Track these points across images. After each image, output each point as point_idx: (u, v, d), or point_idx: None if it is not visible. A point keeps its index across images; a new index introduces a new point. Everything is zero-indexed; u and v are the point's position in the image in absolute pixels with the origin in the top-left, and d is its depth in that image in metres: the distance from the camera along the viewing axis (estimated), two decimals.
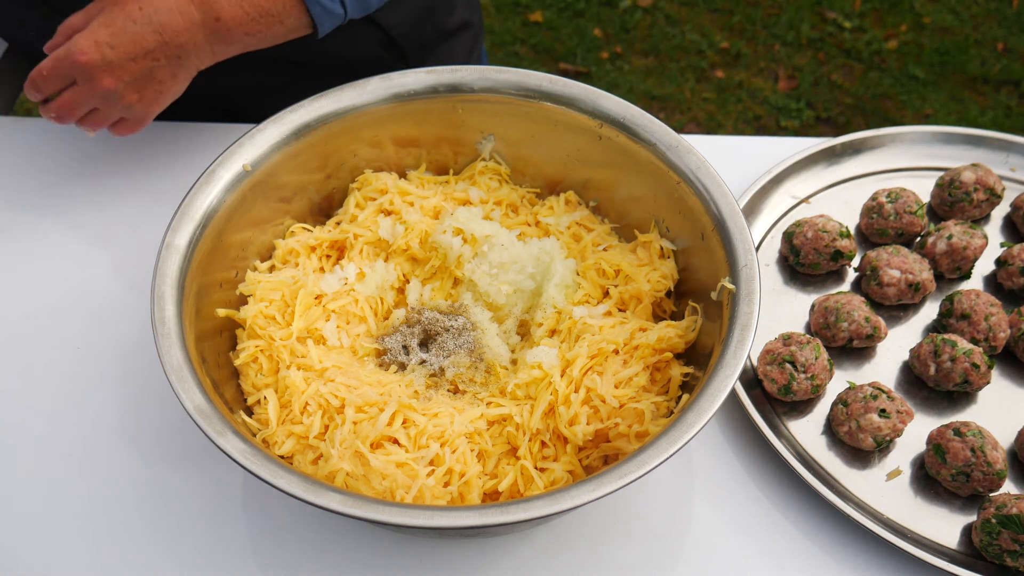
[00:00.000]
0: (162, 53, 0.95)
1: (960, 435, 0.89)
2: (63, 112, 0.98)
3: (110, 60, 0.93)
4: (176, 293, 0.80)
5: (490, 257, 0.95)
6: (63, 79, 0.95)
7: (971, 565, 0.85)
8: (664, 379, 0.87)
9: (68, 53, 0.93)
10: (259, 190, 0.91)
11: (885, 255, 1.04)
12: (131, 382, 0.98)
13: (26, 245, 1.11)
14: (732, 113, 2.71)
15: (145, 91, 0.98)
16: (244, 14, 0.97)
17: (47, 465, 0.92)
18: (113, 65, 0.94)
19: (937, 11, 2.96)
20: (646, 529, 0.89)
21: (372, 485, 0.77)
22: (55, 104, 0.98)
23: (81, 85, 0.95)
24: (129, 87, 0.96)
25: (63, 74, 0.94)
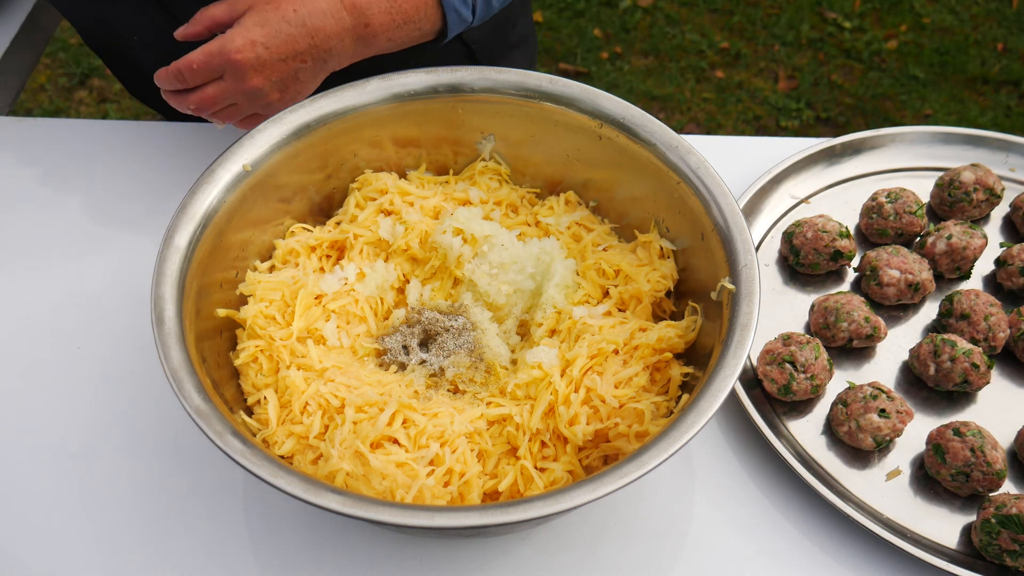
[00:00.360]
0: (310, 56, 0.94)
1: (960, 435, 0.89)
2: (204, 105, 0.96)
3: (263, 60, 0.92)
4: (176, 293, 0.80)
5: (490, 257, 0.95)
6: (211, 74, 0.93)
7: (971, 565, 0.85)
8: (664, 379, 0.87)
9: (222, 49, 0.91)
10: (259, 190, 0.91)
11: (885, 255, 1.04)
12: (131, 382, 0.98)
13: (26, 245, 1.11)
14: (732, 113, 2.71)
15: (287, 91, 0.97)
16: (391, 20, 0.97)
17: (47, 465, 0.92)
18: (265, 65, 0.93)
19: (937, 11, 2.96)
20: (646, 529, 0.89)
21: (372, 485, 0.77)
22: (196, 97, 0.95)
23: (229, 81, 0.93)
24: (275, 87, 0.95)
25: (214, 69, 0.92)
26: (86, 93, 2.74)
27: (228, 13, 0.95)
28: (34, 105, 2.69)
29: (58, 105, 2.70)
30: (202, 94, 0.95)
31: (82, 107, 2.70)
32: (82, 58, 2.81)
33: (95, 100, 2.73)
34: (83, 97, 2.73)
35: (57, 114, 2.67)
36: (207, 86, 0.95)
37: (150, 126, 1.24)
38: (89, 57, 2.82)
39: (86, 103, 2.72)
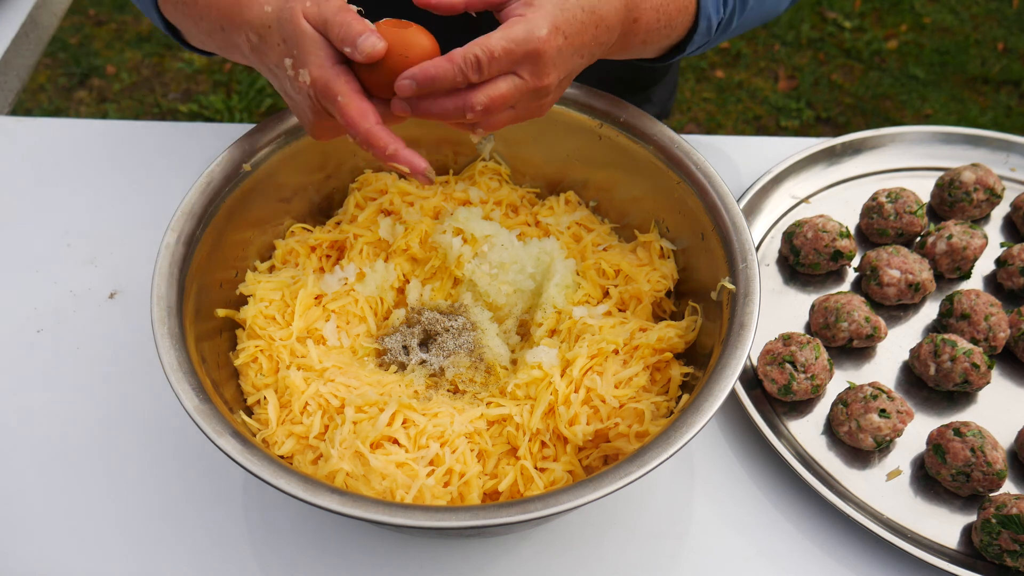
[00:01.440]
0: (588, 50, 0.78)
1: (960, 435, 0.89)
2: (495, 106, 0.74)
3: (563, 52, 0.75)
4: (176, 293, 0.80)
5: (490, 257, 0.95)
6: (510, 65, 0.73)
7: (971, 565, 0.85)
8: (664, 379, 0.87)
9: (528, 37, 0.72)
10: (259, 190, 0.91)
11: (885, 255, 1.04)
12: (131, 382, 0.98)
13: (26, 245, 1.11)
14: (732, 113, 2.71)
15: (560, 89, 0.79)
16: (655, 20, 0.84)
17: (46, 465, 0.92)
18: (562, 58, 0.75)
19: (937, 11, 2.96)
20: (646, 529, 0.89)
21: (372, 485, 0.77)
22: (486, 97, 0.72)
23: (526, 76, 0.74)
24: (558, 88, 0.78)
25: (515, 60, 0.72)
26: (86, 93, 2.74)
27: None
28: (34, 105, 2.69)
29: (58, 105, 2.70)
30: (493, 93, 0.73)
31: (82, 107, 2.70)
32: (82, 58, 2.81)
33: (95, 100, 2.73)
34: (83, 97, 2.73)
35: (57, 114, 2.67)
36: (498, 81, 0.73)
37: (150, 126, 1.24)
38: (89, 57, 2.82)
39: (86, 103, 2.72)
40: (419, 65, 0.71)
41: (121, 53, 2.84)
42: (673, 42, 0.90)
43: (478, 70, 0.71)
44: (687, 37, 0.90)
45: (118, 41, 2.88)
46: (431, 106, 0.74)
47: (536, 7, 0.73)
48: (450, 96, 0.73)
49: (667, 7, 0.85)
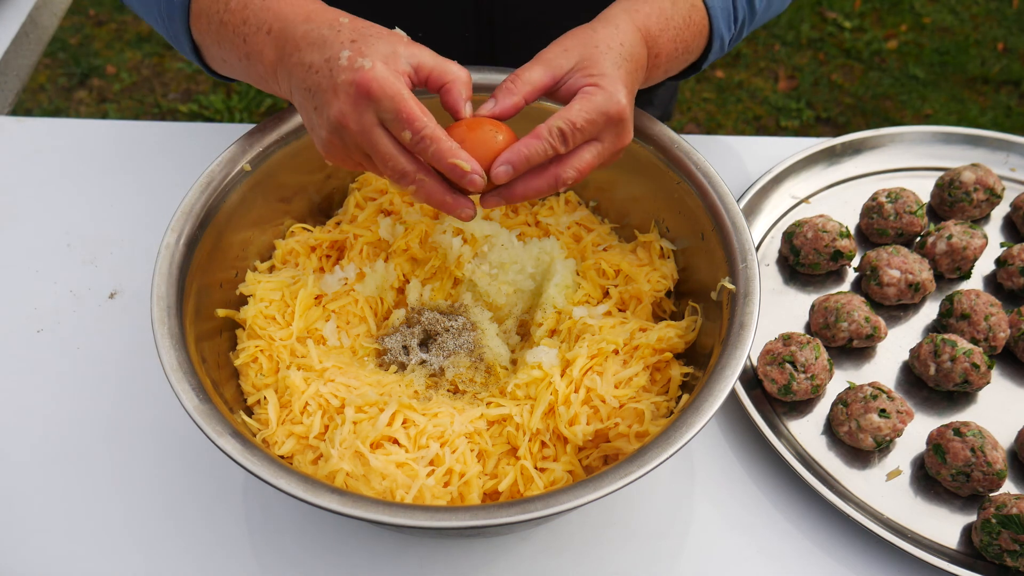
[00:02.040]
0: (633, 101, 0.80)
1: (960, 435, 0.89)
2: (583, 174, 0.76)
3: (631, 111, 0.78)
4: (176, 293, 0.80)
5: (490, 257, 0.95)
6: (591, 134, 0.76)
7: (971, 565, 0.85)
8: (664, 379, 0.87)
9: (609, 107, 0.74)
10: (259, 190, 0.91)
11: (885, 255, 1.04)
12: (131, 382, 0.98)
13: (26, 245, 1.11)
14: (732, 113, 2.71)
15: None
16: (674, 50, 0.86)
17: (46, 465, 0.92)
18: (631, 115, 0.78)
19: (937, 11, 2.96)
20: (646, 529, 0.89)
21: (372, 485, 0.77)
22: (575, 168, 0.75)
23: (609, 142, 0.77)
24: None
25: (598, 129, 0.76)
26: (86, 93, 2.74)
27: (550, 76, 0.78)
28: (34, 105, 2.69)
29: (58, 105, 2.70)
30: (580, 165, 0.75)
31: (82, 107, 2.70)
32: (82, 58, 2.81)
33: (95, 100, 2.73)
34: (83, 97, 2.73)
35: (57, 114, 2.67)
36: (582, 152, 0.76)
37: (150, 126, 1.24)
38: (89, 57, 2.82)
39: (86, 103, 2.72)
40: (510, 149, 0.73)
41: (121, 53, 2.84)
42: (690, 63, 0.92)
43: (564, 142, 0.74)
44: (702, 56, 0.92)
45: (118, 41, 2.88)
46: (525, 190, 0.76)
47: (606, 76, 0.76)
48: (540, 175, 0.75)
49: (683, 34, 0.86)
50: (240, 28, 0.81)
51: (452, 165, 0.71)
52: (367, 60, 0.71)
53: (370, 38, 0.73)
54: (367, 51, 0.72)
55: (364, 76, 0.71)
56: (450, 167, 0.72)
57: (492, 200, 0.76)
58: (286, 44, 0.77)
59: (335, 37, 0.74)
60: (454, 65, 0.77)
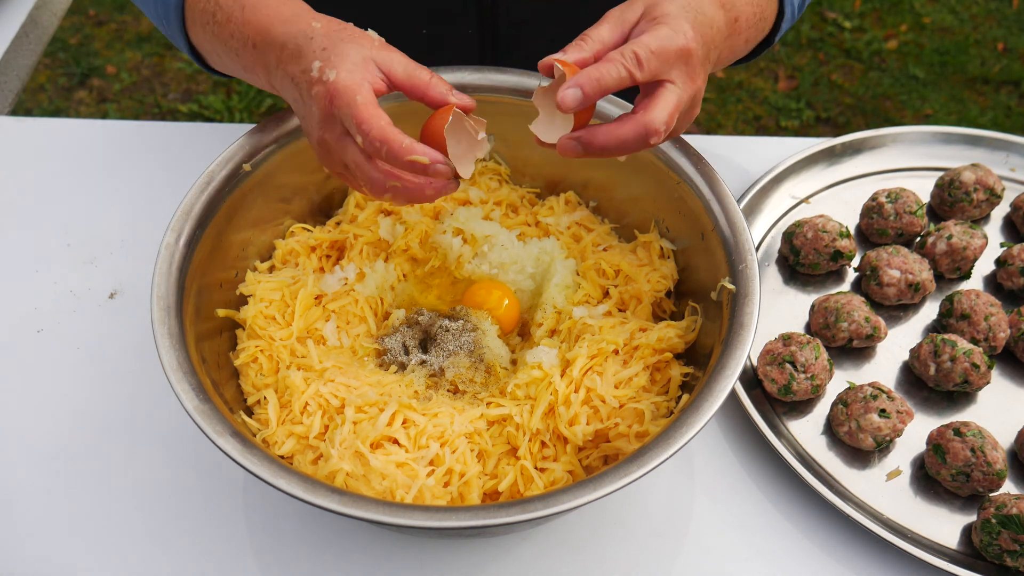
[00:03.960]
0: (714, 55, 0.77)
1: (960, 435, 0.89)
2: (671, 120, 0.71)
3: (700, 53, 0.73)
4: (176, 293, 0.80)
5: (490, 257, 0.95)
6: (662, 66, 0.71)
7: (971, 565, 0.85)
8: (664, 379, 0.87)
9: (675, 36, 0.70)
10: (259, 190, 0.91)
11: (885, 255, 1.04)
12: (131, 382, 0.98)
13: (25, 245, 1.11)
14: (732, 113, 2.71)
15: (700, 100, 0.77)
16: (752, 15, 0.83)
17: (46, 465, 0.92)
18: (702, 58, 0.74)
19: (937, 11, 2.96)
20: (646, 529, 0.89)
21: (372, 485, 0.77)
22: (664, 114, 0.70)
23: (681, 83, 0.72)
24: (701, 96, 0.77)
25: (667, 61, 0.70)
26: (86, 93, 2.74)
27: (619, 31, 0.73)
28: (34, 105, 2.69)
29: (58, 105, 2.70)
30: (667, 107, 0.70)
31: (82, 107, 2.70)
32: (82, 58, 2.81)
33: (95, 100, 2.73)
34: (83, 97, 2.73)
35: (57, 114, 2.67)
36: (664, 94, 0.71)
37: (150, 126, 1.24)
38: (89, 57, 2.82)
39: (86, 103, 2.72)
40: (580, 72, 0.67)
41: (121, 53, 2.84)
42: (765, 35, 0.89)
43: (639, 65, 0.68)
44: (774, 28, 0.89)
45: (118, 41, 2.88)
46: (607, 139, 0.69)
47: (669, 15, 0.72)
48: (625, 122, 0.69)
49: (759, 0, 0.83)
50: (230, 43, 0.81)
51: (410, 163, 0.69)
52: (332, 71, 0.70)
53: (340, 43, 0.72)
54: (335, 60, 0.71)
55: (329, 88, 0.70)
56: (408, 165, 0.69)
57: (570, 145, 0.70)
58: (269, 55, 0.77)
59: (308, 46, 0.73)
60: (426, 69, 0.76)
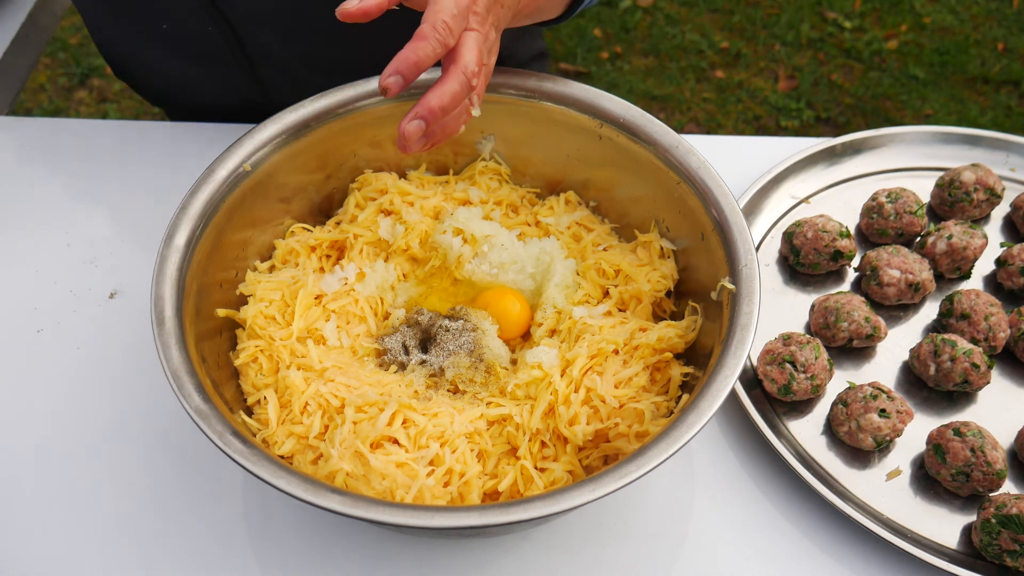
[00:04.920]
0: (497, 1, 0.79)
1: (960, 435, 0.89)
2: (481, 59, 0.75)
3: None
4: (176, 293, 0.80)
5: (490, 257, 0.95)
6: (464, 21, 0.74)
7: (971, 565, 0.85)
8: (664, 379, 0.87)
9: None
10: (259, 190, 0.91)
11: (885, 255, 1.04)
12: (131, 382, 0.98)
13: (25, 245, 1.11)
14: (732, 113, 2.71)
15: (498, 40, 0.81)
16: None
17: (46, 465, 0.92)
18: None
19: (937, 11, 2.96)
20: (646, 529, 0.89)
21: (372, 485, 0.77)
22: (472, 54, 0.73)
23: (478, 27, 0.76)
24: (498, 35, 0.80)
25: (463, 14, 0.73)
26: (86, 93, 2.74)
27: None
28: (34, 105, 2.69)
29: (58, 105, 2.70)
30: (474, 48, 0.73)
31: (82, 107, 2.70)
32: (82, 58, 2.81)
33: (95, 100, 2.73)
34: (83, 97, 2.73)
35: (57, 114, 2.67)
36: (467, 41, 0.73)
37: (150, 126, 1.24)
38: (89, 57, 2.82)
39: (86, 103, 2.72)
40: (395, 57, 0.69)
41: None
42: None
43: (451, 33, 0.71)
44: None
45: None
46: (440, 98, 0.72)
47: None
48: (447, 77, 0.72)
49: None
50: None
51: None
52: None
53: None
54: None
55: None
56: None
57: (412, 126, 0.71)
58: None
59: None
60: None
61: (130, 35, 1.14)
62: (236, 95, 1.19)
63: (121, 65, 1.23)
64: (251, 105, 1.21)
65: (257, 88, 1.18)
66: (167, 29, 1.10)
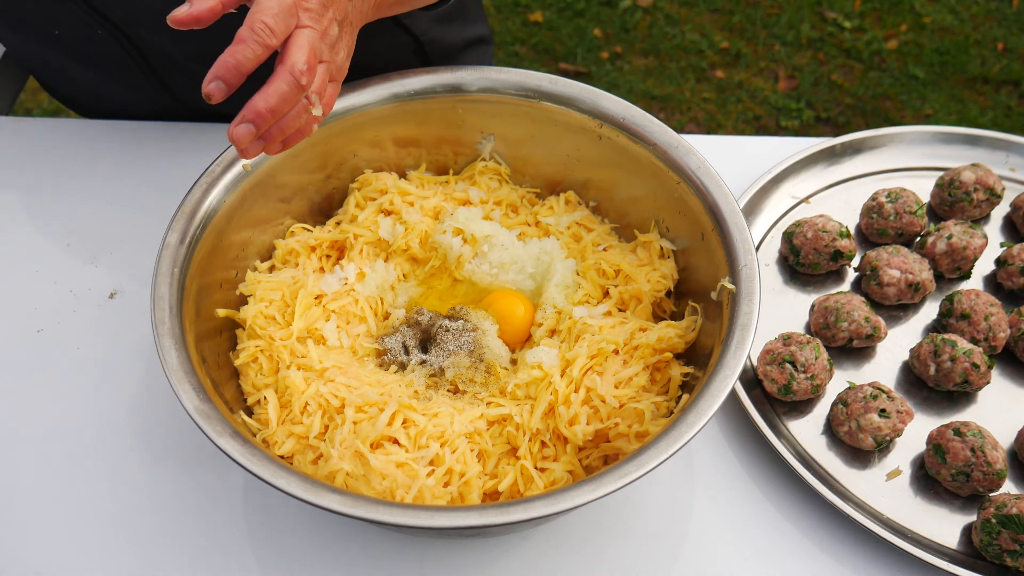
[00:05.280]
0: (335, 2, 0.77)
1: (960, 435, 0.89)
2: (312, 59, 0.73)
3: None
4: (176, 293, 0.80)
5: (490, 257, 0.95)
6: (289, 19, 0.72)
7: (971, 565, 0.85)
8: (664, 379, 0.87)
9: None
10: (259, 190, 0.91)
11: (885, 255, 1.04)
12: (131, 382, 0.98)
13: (26, 245, 1.11)
14: (732, 113, 2.71)
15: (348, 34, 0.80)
16: None
17: (47, 466, 0.92)
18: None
19: (937, 11, 2.96)
20: (646, 529, 0.89)
21: (372, 485, 0.77)
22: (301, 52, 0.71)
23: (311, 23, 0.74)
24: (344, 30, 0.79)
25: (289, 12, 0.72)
26: None
27: None
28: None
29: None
30: (303, 46, 0.71)
31: None
32: None
33: None
34: None
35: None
36: (297, 39, 0.71)
37: (150, 126, 1.24)
38: None
39: None
40: (216, 62, 0.66)
41: None
42: None
43: (272, 33, 0.69)
44: None
45: None
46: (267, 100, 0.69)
47: None
48: (273, 79, 0.69)
49: None
50: None
51: None
52: None
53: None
54: None
55: None
56: None
57: (242, 131, 0.68)
58: None
59: None
60: None
61: (30, 44, 1.12)
62: (147, 100, 1.18)
63: (39, 75, 1.22)
64: (164, 109, 1.19)
65: (166, 93, 1.16)
66: (60, 35, 1.07)
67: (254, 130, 0.69)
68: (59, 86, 1.24)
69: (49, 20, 1.06)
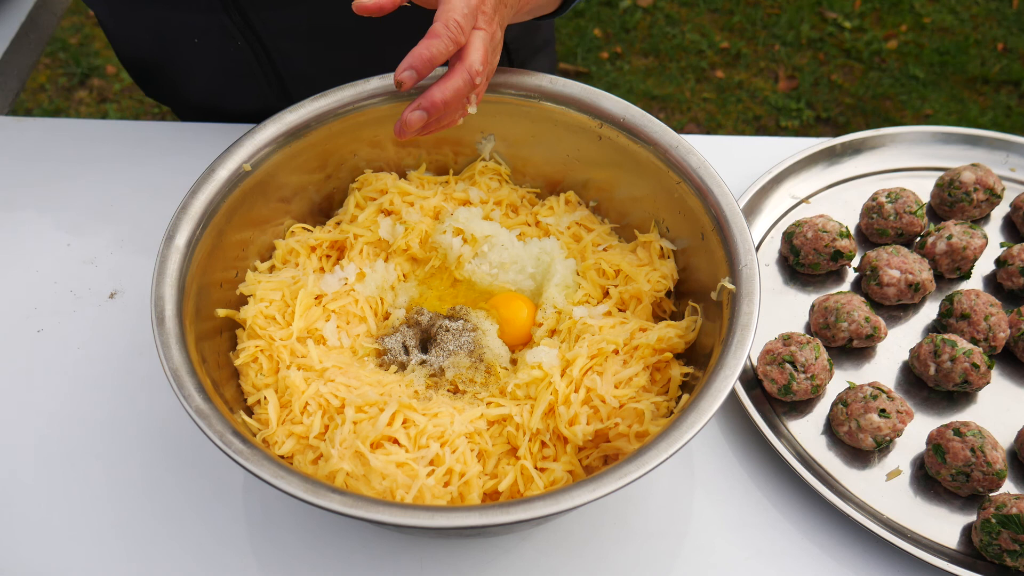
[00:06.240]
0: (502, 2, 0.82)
1: (960, 435, 0.89)
2: (486, 59, 0.79)
3: None
4: (176, 293, 0.80)
5: (490, 257, 0.95)
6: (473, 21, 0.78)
7: (971, 565, 0.85)
8: (664, 379, 0.87)
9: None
10: (259, 190, 0.91)
11: (885, 255, 1.04)
12: (131, 382, 0.98)
13: (25, 245, 1.11)
14: (732, 113, 2.71)
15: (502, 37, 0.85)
16: None
17: (47, 465, 0.92)
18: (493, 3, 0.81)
19: (937, 11, 2.96)
20: (646, 529, 0.89)
21: (372, 485, 0.77)
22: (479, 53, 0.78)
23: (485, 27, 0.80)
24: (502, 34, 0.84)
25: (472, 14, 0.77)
26: (86, 93, 2.74)
27: None
28: (34, 105, 2.69)
29: (58, 105, 2.70)
30: (480, 48, 0.77)
31: (82, 107, 2.70)
32: (82, 58, 2.81)
33: (95, 100, 2.73)
34: (83, 97, 2.73)
35: (57, 114, 2.67)
36: (474, 41, 0.77)
37: (150, 126, 1.24)
38: (89, 57, 2.82)
39: (86, 103, 2.72)
40: (409, 54, 0.73)
41: None
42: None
43: (462, 31, 0.75)
44: None
45: None
46: (443, 92, 0.75)
47: None
48: (453, 74, 0.76)
49: None
50: None
51: None
52: None
53: None
54: None
55: None
56: None
57: (414, 116, 0.76)
58: None
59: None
60: None
61: (156, 49, 1.15)
62: (262, 104, 1.19)
63: (146, 77, 1.24)
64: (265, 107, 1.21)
65: (285, 100, 1.18)
66: (198, 44, 1.11)
67: (427, 117, 0.76)
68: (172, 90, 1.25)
69: (191, 30, 1.09)
